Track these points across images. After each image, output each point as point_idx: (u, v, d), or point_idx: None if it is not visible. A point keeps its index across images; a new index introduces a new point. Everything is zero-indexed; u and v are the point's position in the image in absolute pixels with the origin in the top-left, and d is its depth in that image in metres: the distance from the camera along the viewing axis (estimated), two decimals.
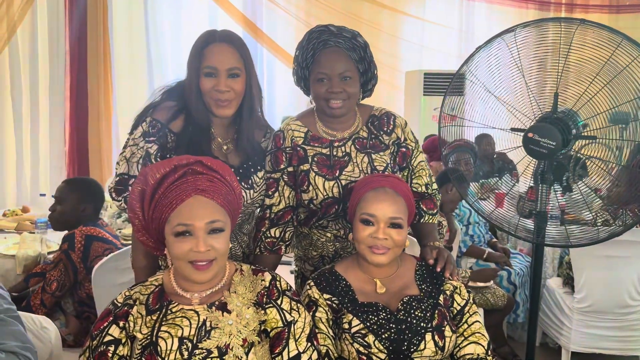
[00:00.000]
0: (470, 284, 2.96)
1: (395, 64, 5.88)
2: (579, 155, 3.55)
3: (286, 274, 2.06)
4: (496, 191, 3.05)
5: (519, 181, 2.76)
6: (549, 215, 3.04)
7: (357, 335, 1.49)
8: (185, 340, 1.31)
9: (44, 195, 3.57)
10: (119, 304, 1.38)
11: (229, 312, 1.37)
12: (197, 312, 1.36)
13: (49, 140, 5.04)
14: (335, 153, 1.80)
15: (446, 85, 5.81)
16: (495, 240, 3.63)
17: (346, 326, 1.51)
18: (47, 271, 2.39)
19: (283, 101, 5.42)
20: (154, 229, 1.37)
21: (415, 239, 1.95)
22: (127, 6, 5.27)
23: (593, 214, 2.71)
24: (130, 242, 2.52)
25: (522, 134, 2.10)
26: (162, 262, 1.73)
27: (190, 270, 1.34)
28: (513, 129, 2.13)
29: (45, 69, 4.96)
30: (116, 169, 1.70)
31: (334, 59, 1.71)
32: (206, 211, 1.34)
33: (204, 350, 1.31)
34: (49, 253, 2.69)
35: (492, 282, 3.07)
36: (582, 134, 2.03)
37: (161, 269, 1.65)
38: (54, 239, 2.88)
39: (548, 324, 3.27)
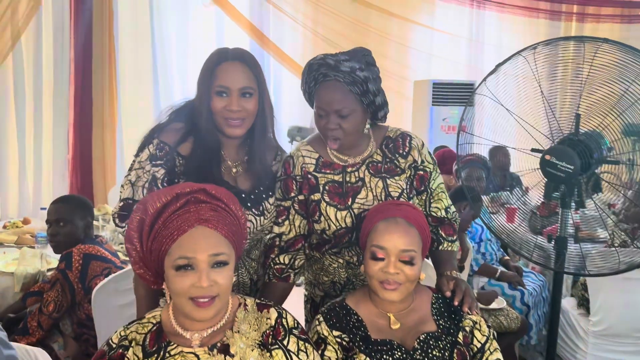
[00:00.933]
0: (482, 306, 2.86)
1: (404, 73, 5.79)
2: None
3: (298, 296, 1.97)
4: (507, 205, 2.96)
5: (530, 196, 2.67)
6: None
7: None
8: None
9: (44, 209, 3.49)
10: (114, 345, 1.29)
11: (232, 356, 1.27)
12: (197, 356, 1.26)
13: (52, 148, 4.96)
14: (348, 179, 1.71)
15: (455, 95, 5.74)
16: (507, 257, 3.53)
17: None
18: (45, 291, 2.31)
19: (290, 110, 5.31)
20: (153, 261, 1.28)
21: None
22: (133, 13, 5.19)
23: (609, 232, 2.62)
24: None
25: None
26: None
27: (191, 307, 1.24)
28: (534, 150, 2.03)
29: (50, 76, 4.89)
30: (120, 192, 1.61)
31: (331, 94, 1.61)
32: (209, 243, 1.25)
33: None
34: (48, 270, 2.61)
35: (505, 304, 2.97)
36: (607, 159, 1.94)
37: (164, 297, 1.57)
38: (55, 255, 2.80)
39: (562, 346, 3.16)
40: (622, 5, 6.29)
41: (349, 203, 1.68)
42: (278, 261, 1.73)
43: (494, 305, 2.89)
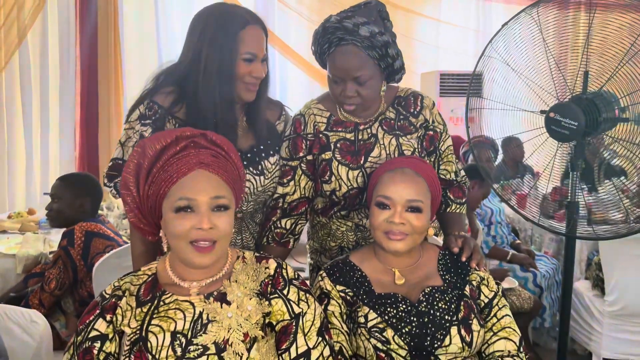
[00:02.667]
0: None
1: (410, 66, 5.71)
2: (604, 155, 3.38)
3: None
4: (517, 192, 2.89)
5: (543, 181, 2.61)
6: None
7: (374, 329, 1.34)
8: (178, 335, 1.17)
9: (47, 194, 3.47)
10: (107, 296, 1.25)
11: (229, 303, 1.22)
12: (192, 304, 1.21)
13: (59, 146, 4.96)
14: (360, 136, 1.65)
15: (463, 86, 5.67)
16: (518, 241, 3.46)
17: (362, 320, 1.36)
18: (46, 270, 2.28)
19: (295, 104, 5.26)
20: (149, 207, 1.23)
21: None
22: (138, 11, 5.19)
23: (623, 213, 2.55)
24: None
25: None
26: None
27: (191, 251, 1.19)
28: (542, 111, 1.97)
29: (56, 74, 4.89)
30: (112, 154, 1.57)
31: (348, 59, 1.52)
32: (211, 185, 1.20)
33: (200, 347, 1.16)
34: (50, 252, 2.58)
35: (517, 284, 2.89)
36: (620, 117, 1.87)
37: (162, 255, 1.52)
38: (58, 239, 2.76)
39: (576, 329, 3.07)
40: None
41: (362, 162, 1.62)
42: (279, 225, 1.68)
43: (505, 285, 2.81)
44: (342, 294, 1.41)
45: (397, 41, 1.58)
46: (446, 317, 1.35)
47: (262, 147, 1.66)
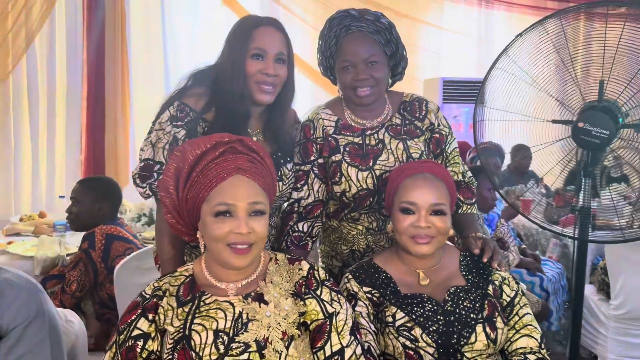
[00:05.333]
0: None
1: (413, 73, 5.80)
2: (605, 162, 3.44)
3: None
4: (521, 198, 2.95)
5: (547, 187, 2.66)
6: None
7: (403, 328, 1.38)
8: (221, 334, 1.21)
9: (62, 197, 3.51)
10: (148, 296, 1.29)
11: (267, 303, 1.27)
12: (232, 304, 1.26)
13: (65, 149, 4.98)
14: (368, 141, 1.71)
15: (466, 92, 5.73)
16: (524, 246, 3.51)
17: (390, 319, 1.41)
18: (67, 272, 2.31)
19: (300, 110, 5.33)
20: (188, 210, 1.28)
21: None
22: (145, 15, 5.24)
23: (626, 219, 2.60)
24: (150, 244, 2.44)
25: (565, 126, 2.01)
26: (187, 257, 1.65)
27: (229, 254, 1.24)
28: (555, 121, 2.03)
29: (63, 77, 4.93)
30: (140, 154, 1.61)
31: (358, 44, 1.62)
32: (248, 191, 1.26)
33: (242, 344, 1.21)
34: (67, 255, 2.61)
35: (524, 287, 2.94)
36: (629, 123, 1.93)
37: (193, 255, 1.56)
38: (73, 241, 2.80)
39: (582, 333, 3.12)
40: (630, 5, 6.30)
41: (370, 164, 1.68)
42: (296, 229, 1.72)
43: None
44: (369, 295, 1.45)
45: None
46: (472, 315, 1.40)
47: (280, 154, 1.71)
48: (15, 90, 4.79)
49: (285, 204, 1.77)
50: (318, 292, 1.32)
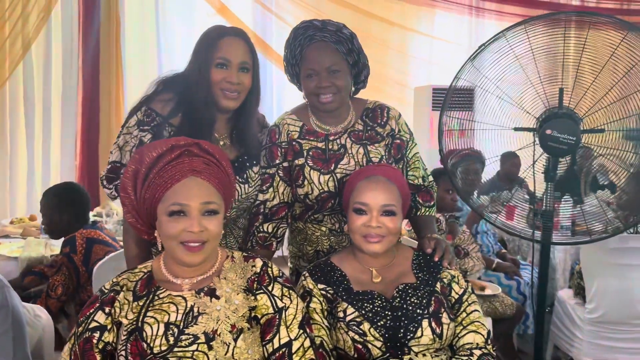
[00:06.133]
0: (478, 292, 2.90)
1: (404, 81, 5.88)
2: (591, 168, 3.50)
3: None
4: (506, 204, 3.01)
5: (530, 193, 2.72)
6: (559, 226, 3.00)
7: (352, 323, 1.45)
8: (171, 326, 1.28)
9: None
10: (106, 291, 1.36)
11: (218, 297, 1.33)
12: (184, 298, 1.33)
13: (60, 155, 5.08)
14: (331, 147, 1.78)
15: (456, 100, 5.80)
16: (504, 251, 3.57)
17: (341, 315, 1.47)
18: (50, 276, 2.37)
19: None
20: (146, 209, 1.35)
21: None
22: (140, 23, 5.34)
23: (604, 224, 2.66)
24: None
25: (531, 133, 2.08)
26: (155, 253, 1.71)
27: (182, 251, 1.31)
28: (517, 129, 2.10)
29: (58, 85, 5.03)
30: (109, 157, 1.69)
31: (321, 53, 1.70)
32: (202, 192, 1.33)
33: (190, 336, 1.27)
34: (51, 256, 2.68)
35: (500, 290, 3.00)
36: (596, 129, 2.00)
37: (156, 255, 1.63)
38: (59, 243, 2.87)
39: (560, 336, 3.18)
40: (620, 13, 6.37)
41: (332, 168, 1.75)
42: (262, 229, 1.80)
43: (488, 292, 2.92)
44: (323, 292, 1.52)
45: (392, 56, 1.77)
46: (418, 310, 1.46)
47: (246, 157, 1.78)
48: (11, 97, 4.89)
49: (252, 206, 1.84)
50: (270, 288, 1.38)
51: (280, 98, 5.64)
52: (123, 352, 1.27)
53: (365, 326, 1.44)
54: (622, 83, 1.99)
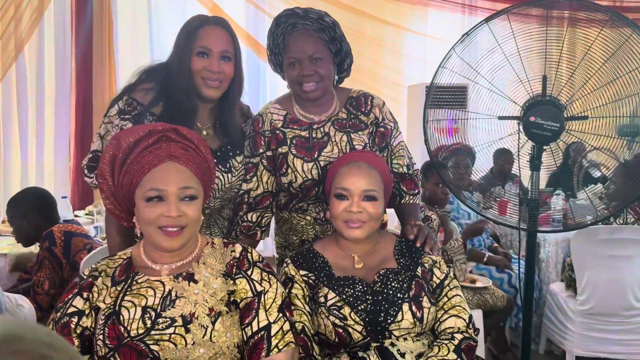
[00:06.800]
0: (467, 284, 2.89)
1: (398, 79, 5.89)
2: (582, 163, 3.50)
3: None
4: (498, 199, 3.01)
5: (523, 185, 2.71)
6: (550, 219, 3.00)
7: (333, 307, 1.45)
8: (148, 309, 1.28)
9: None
10: (85, 277, 1.36)
11: (196, 282, 1.33)
12: (162, 283, 1.33)
13: (54, 156, 5.07)
14: (314, 135, 1.79)
15: (449, 98, 5.81)
16: (496, 245, 3.56)
17: (322, 300, 1.47)
18: (34, 274, 2.35)
19: None
20: (124, 195, 1.35)
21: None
22: (132, 24, 5.34)
23: (594, 216, 2.67)
24: None
25: (517, 121, 2.08)
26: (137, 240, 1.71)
27: (160, 236, 1.31)
28: (501, 117, 2.10)
29: (52, 86, 5.03)
30: (91, 145, 1.69)
31: (303, 41, 1.70)
32: (179, 177, 1.32)
33: (168, 319, 1.27)
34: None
35: (490, 283, 3.00)
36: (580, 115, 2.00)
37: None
38: None
39: (552, 329, 3.17)
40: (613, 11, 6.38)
41: (315, 156, 1.75)
42: (246, 219, 1.80)
43: (479, 284, 2.92)
44: (305, 278, 1.52)
45: (386, 55, 1.77)
46: (398, 294, 1.46)
47: (229, 147, 1.78)
48: (5, 98, 4.89)
49: (236, 196, 1.84)
50: (249, 272, 1.38)
51: (273, 96, 5.64)
52: (101, 337, 1.27)
53: (346, 310, 1.43)
54: (603, 70, 2.00)
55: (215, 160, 1.68)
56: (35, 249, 2.69)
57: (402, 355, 1.42)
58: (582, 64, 2.02)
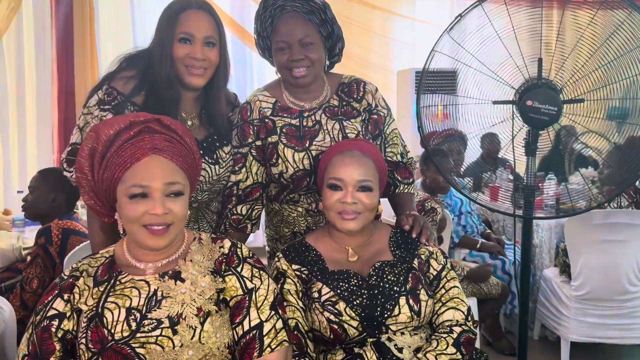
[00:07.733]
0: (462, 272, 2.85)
1: (387, 65, 5.82)
2: (574, 147, 3.45)
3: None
4: (490, 185, 2.97)
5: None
6: (543, 205, 2.96)
7: (327, 303, 1.39)
8: (133, 311, 1.21)
9: (21, 192, 3.48)
10: (65, 277, 1.28)
11: (183, 280, 1.26)
12: (147, 282, 1.25)
13: (37, 149, 4.96)
14: (305, 123, 1.71)
15: (439, 83, 5.77)
16: (489, 231, 3.53)
17: (316, 295, 1.41)
18: (24, 269, 2.28)
19: None
20: (104, 190, 1.27)
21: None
22: (114, 11, 5.22)
23: (587, 201, 2.63)
24: None
25: (512, 105, 2.03)
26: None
27: (145, 235, 1.23)
28: (495, 102, 2.04)
29: (32, 76, 4.89)
30: (71, 138, 1.61)
31: (292, 24, 1.61)
32: (164, 172, 1.24)
33: (154, 321, 1.20)
34: (24, 249, 2.60)
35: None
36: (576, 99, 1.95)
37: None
38: (32, 236, 2.79)
39: (546, 315, 3.15)
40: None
41: (307, 145, 1.68)
42: (235, 212, 1.73)
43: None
44: (298, 273, 1.46)
45: (375, 40, 1.70)
46: (395, 288, 1.40)
47: (216, 137, 1.70)
48: None
49: (225, 188, 1.77)
50: (239, 269, 1.32)
51: (261, 84, 5.54)
52: (83, 340, 1.19)
53: (341, 306, 1.38)
54: (601, 51, 1.94)
55: (201, 152, 1.61)
56: (18, 243, 2.60)
57: (400, 350, 1.37)
58: (578, 46, 1.96)
